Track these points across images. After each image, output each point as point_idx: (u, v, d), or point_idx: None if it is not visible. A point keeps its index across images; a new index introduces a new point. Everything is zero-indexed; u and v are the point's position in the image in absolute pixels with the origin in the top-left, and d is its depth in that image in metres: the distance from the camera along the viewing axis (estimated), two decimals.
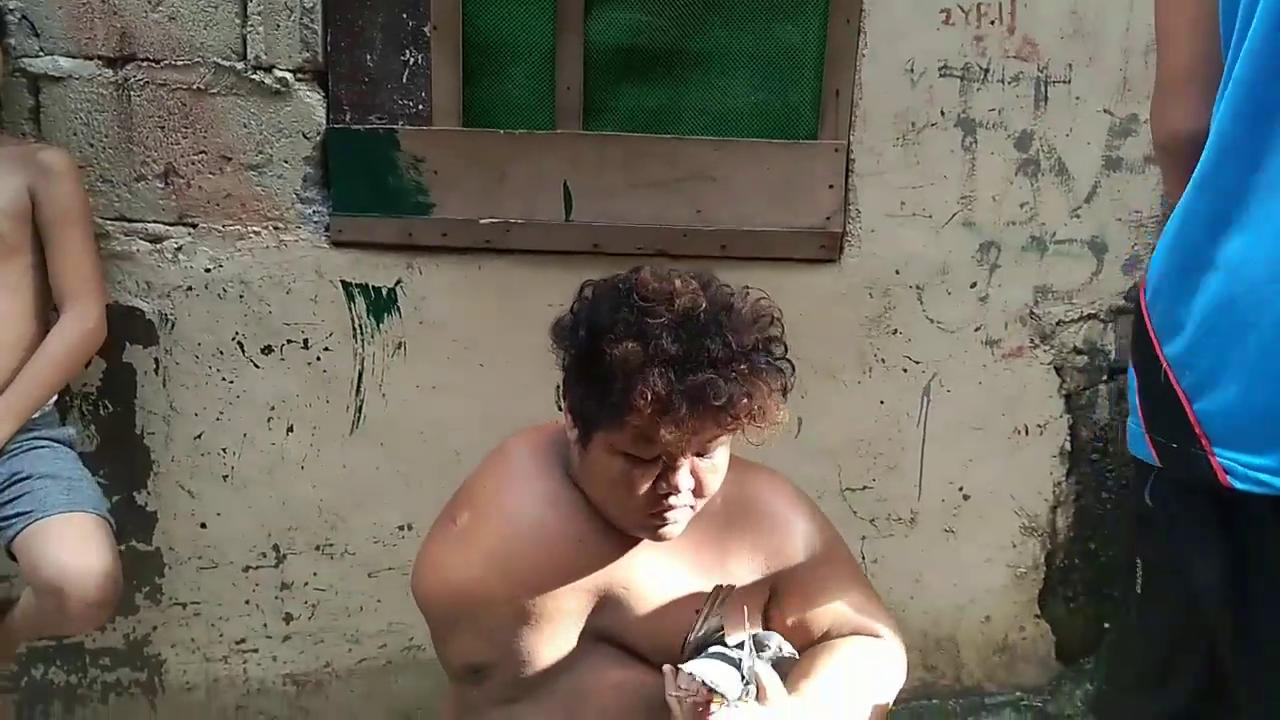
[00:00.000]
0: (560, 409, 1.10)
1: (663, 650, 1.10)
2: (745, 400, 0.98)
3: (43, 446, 1.56)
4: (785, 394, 1.04)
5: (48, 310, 1.60)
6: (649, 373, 0.96)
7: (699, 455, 1.04)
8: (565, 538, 1.09)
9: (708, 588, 1.10)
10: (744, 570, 1.15)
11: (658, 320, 0.98)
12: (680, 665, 1.03)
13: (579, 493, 1.11)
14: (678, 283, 1.02)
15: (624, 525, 1.09)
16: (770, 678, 1.05)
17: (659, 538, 1.08)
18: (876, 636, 1.21)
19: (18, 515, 1.46)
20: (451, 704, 1.19)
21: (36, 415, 1.55)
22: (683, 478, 1.03)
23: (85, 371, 1.73)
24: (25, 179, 1.54)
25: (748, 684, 1.02)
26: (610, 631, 1.11)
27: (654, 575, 1.12)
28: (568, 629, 1.09)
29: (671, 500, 1.03)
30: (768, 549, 1.16)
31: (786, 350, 1.06)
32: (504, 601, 1.07)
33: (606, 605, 1.10)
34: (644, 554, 1.12)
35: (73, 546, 1.42)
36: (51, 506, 1.46)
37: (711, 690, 0.99)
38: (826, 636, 1.19)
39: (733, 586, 1.09)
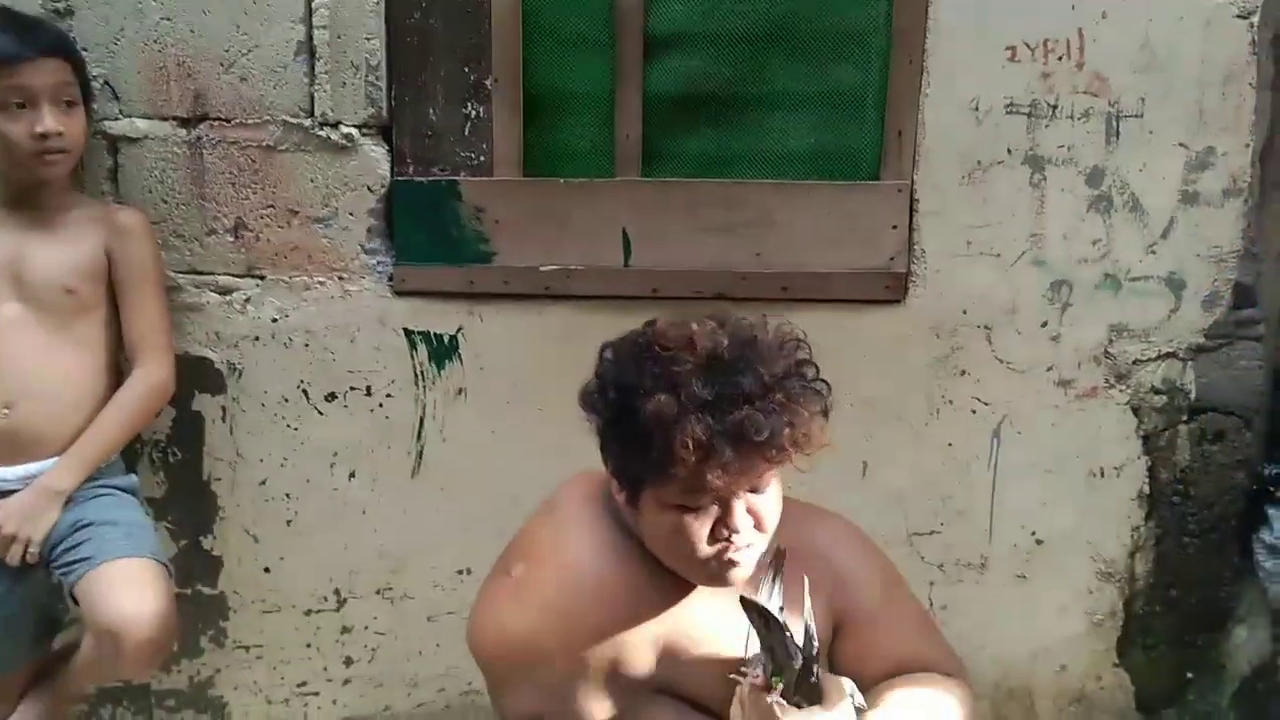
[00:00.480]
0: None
1: (724, 701, 1.07)
2: (788, 430, 0.97)
3: (106, 495, 1.60)
4: (826, 415, 1.02)
5: (118, 365, 1.65)
6: (686, 422, 0.95)
7: (752, 491, 1.02)
8: (623, 587, 1.08)
9: None
10: (818, 616, 1.12)
11: (684, 368, 0.97)
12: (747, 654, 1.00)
13: (635, 541, 1.10)
14: (695, 326, 1.01)
15: (692, 577, 1.07)
16: (832, 681, 1.01)
17: (728, 582, 1.06)
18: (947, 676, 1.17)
19: (80, 560, 1.50)
20: None
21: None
22: (740, 518, 1.01)
23: (155, 420, 1.77)
24: (103, 239, 1.60)
25: (813, 681, 0.98)
26: (671, 682, 1.09)
27: (714, 624, 1.10)
28: (628, 681, 1.07)
29: (734, 540, 1.02)
30: (830, 590, 1.13)
31: (818, 371, 1.05)
32: (562, 655, 1.06)
33: (667, 655, 1.08)
34: (704, 601, 1.10)
35: (129, 591, 1.46)
36: (111, 552, 1.50)
37: (772, 676, 0.96)
38: (892, 676, 1.16)
39: (785, 551, 1.06)
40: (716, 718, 1.08)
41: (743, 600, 1.02)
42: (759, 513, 1.03)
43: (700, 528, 1.01)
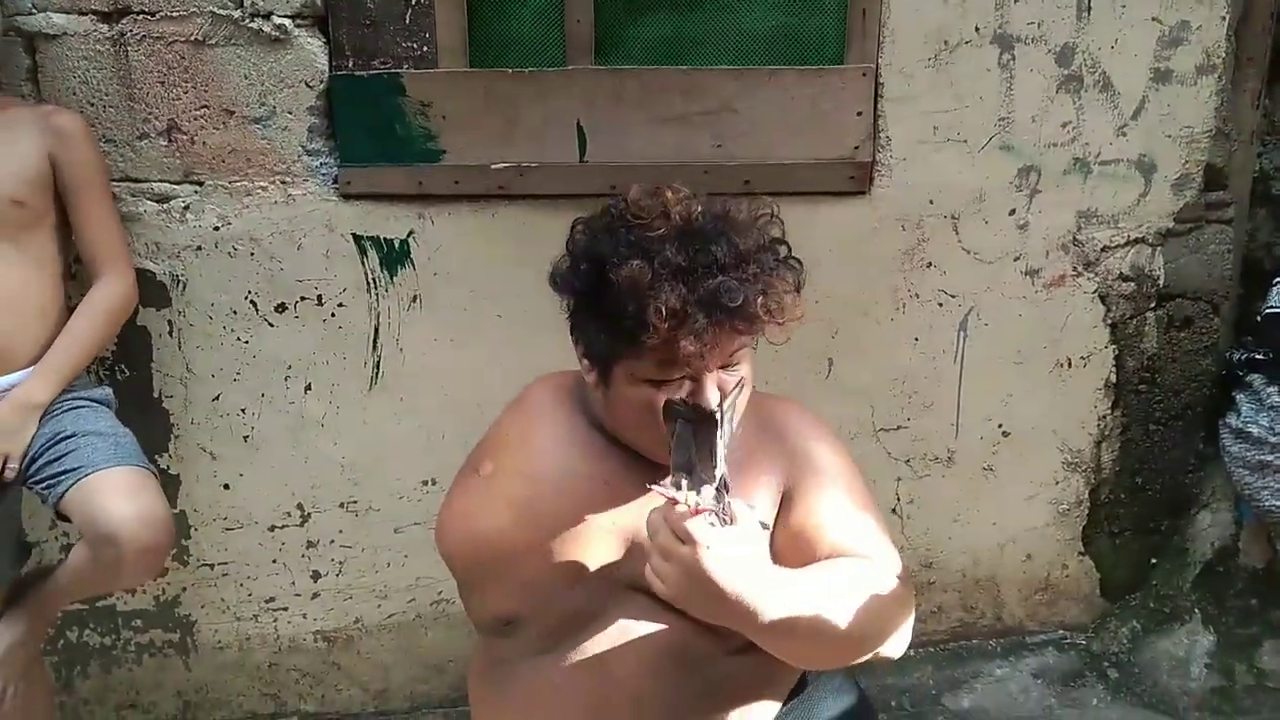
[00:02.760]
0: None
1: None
2: (761, 299, 0.95)
3: (84, 406, 1.54)
4: (799, 290, 1.00)
5: (70, 275, 1.58)
6: (659, 288, 0.92)
7: (723, 368, 1.00)
8: (592, 481, 1.06)
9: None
10: (766, 497, 1.10)
11: (657, 233, 0.95)
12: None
13: (604, 436, 1.08)
14: (669, 194, 0.98)
15: (660, 457, 1.03)
16: (744, 510, 0.98)
17: None
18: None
19: (65, 473, 1.45)
20: (480, 657, 1.17)
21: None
22: (711, 393, 0.98)
23: None
24: (45, 145, 1.50)
25: (727, 500, 0.95)
26: (642, 579, 1.07)
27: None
28: (598, 577, 1.06)
29: None
30: (785, 465, 1.12)
31: (790, 250, 1.02)
32: (533, 550, 1.04)
33: (637, 551, 1.06)
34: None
35: (126, 497, 1.43)
36: (100, 462, 1.45)
37: (690, 491, 0.92)
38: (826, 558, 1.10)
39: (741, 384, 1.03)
40: (688, 615, 1.07)
41: (668, 404, 0.98)
42: (729, 392, 1.00)
43: (667, 397, 0.98)
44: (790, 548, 1.12)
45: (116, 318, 1.59)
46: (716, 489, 0.94)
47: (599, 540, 1.05)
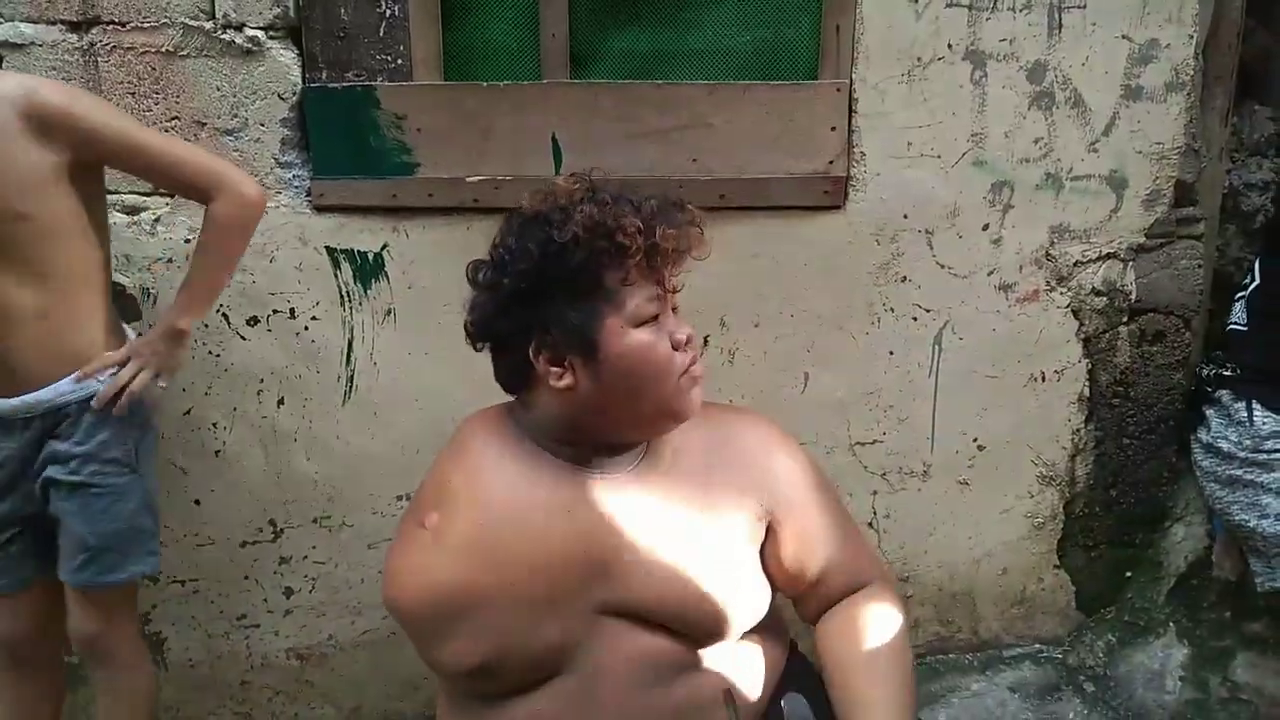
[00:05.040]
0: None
1: (670, 613, 1.05)
2: (690, 207, 1.06)
3: (106, 490, 1.47)
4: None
5: (107, 263, 1.50)
6: (617, 213, 1.01)
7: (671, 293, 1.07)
8: (543, 513, 1.05)
9: (704, 541, 1.06)
10: (736, 515, 1.10)
11: (578, 195, 1.05)
12: None
13: (555, 460, 1.06)
14: (558, 182, 1.09)
15: (665, 407, 1.06)
16: None
17: (693, 408, 1.07)
18: (867, 585, 1.19)
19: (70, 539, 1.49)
20: (449, 695, 1.14)
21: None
22: (682, 323, 1.07)
23: None
24: (30, 139, 1.32)
25: None
26: (614, 602, 1.06)
27: (648, 534, 1.07)
28: (570, 607, 1.04)
29: (690, 344, 1.06)
30: (757, 490, 1.12)
31: None
32: (500, 593, 1.02)
33: (606, 574, 1.05)
34: (636, 514, 1.07)
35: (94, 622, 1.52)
36: (84, 577, 1.49)
37: None
38: (820, 580, 1.16)
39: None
40: (666, 631, 1.06)
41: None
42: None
43: (662, 338, 1.03)
44: (783, 574, 1.13)
45: (229, 236, 1.47)
46: None
47: (566, 568, 1.04)
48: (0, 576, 1.53)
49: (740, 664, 1.11)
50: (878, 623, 1.14)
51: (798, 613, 1.23)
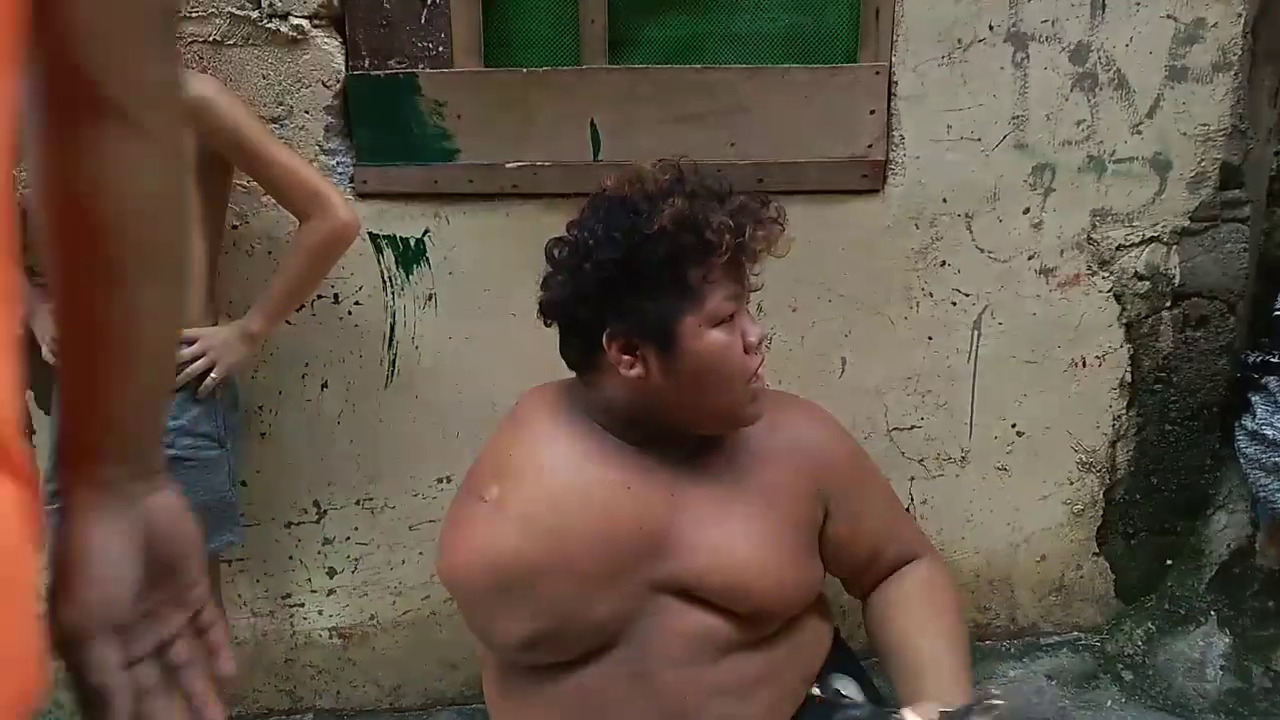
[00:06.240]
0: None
1: (726, 590, 1.06)
2: (774, 205, 1.06)
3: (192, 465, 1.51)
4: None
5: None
6: (706, 209, 1.00)
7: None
8: (614, 488, 1.06)
9: (760, 521, 1.07)
10: (791, 496, 1.11)
11: (664, 184, 1.03)
12: None
13: (614, 438, 1.07)
14: (639, 165, 1.08)
15: (734, 408, 1.06)
16: None
17: (758, 412, 1.08)
18: (917, 559, 1.23)
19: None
20: (497, 669, 1.16)
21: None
22: (754, 323, 1.06)
23: None
24: None
25: None
26: (669, 579, 1.07)
27: (705, 514, 1.08)
28: (626, 583, 1.05)
29: (761, 348, 1.06)
30: (811, 472, 1.13)
31: None
32: (559, 568, 1.03)
33: (662, 551, 1.06)
34: (692, 494, 1.08)
35: None
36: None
37: None
38: (873, 557, 1.19)
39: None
40: (719, 610, 1.07)
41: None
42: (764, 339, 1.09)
43: (737, 340, 1.04)
44: (838, 555, 1.16)
45: (316, 254, 1.53)
46: None
47: (624, 544, 1.05)
48: None
49: (789, 644, 1.12)
50: (932, 591, 1.17)
51: (848, 590, 1.24)
